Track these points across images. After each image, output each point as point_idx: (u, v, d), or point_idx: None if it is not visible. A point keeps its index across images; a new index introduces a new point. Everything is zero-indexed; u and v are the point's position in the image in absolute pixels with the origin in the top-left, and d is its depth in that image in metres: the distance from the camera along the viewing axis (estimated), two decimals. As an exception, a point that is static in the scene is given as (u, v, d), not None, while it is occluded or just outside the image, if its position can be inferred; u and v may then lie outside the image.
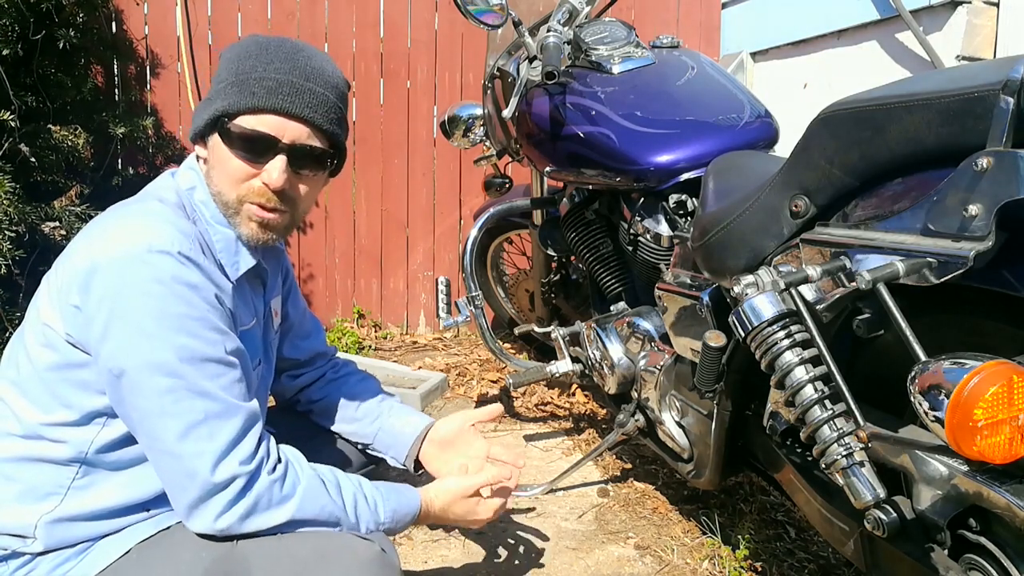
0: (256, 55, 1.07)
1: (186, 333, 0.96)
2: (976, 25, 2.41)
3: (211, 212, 1.11)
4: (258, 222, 1.10)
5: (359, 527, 1.07)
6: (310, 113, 1.07)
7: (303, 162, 1.09)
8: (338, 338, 3.20)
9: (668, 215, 1.68)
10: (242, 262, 1.13)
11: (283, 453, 1.05)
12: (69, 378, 1.00)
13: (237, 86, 1.06)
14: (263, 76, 1.05)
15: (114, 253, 0.96)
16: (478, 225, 2.34)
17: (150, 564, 1.01)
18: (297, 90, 1.06)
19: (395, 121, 3.34)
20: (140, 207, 1.06)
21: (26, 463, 1.02)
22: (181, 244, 0.98)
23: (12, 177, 2.15)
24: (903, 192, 0.94)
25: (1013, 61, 0.80)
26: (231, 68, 1.08)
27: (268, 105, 1.05)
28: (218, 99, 1.07)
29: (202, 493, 0.96)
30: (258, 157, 1.07)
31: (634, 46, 1.88)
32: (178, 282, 0.97)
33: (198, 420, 0.96)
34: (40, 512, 1.01)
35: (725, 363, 1.28)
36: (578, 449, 2.21)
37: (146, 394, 0.96)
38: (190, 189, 1.12)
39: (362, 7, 3.29)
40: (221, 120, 1.06)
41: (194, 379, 0.96)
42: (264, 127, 1.05)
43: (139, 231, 0.98)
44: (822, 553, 1.64)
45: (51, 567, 1.01)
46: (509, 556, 1.67)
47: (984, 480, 0.88)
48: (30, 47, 2.40)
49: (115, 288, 0.95)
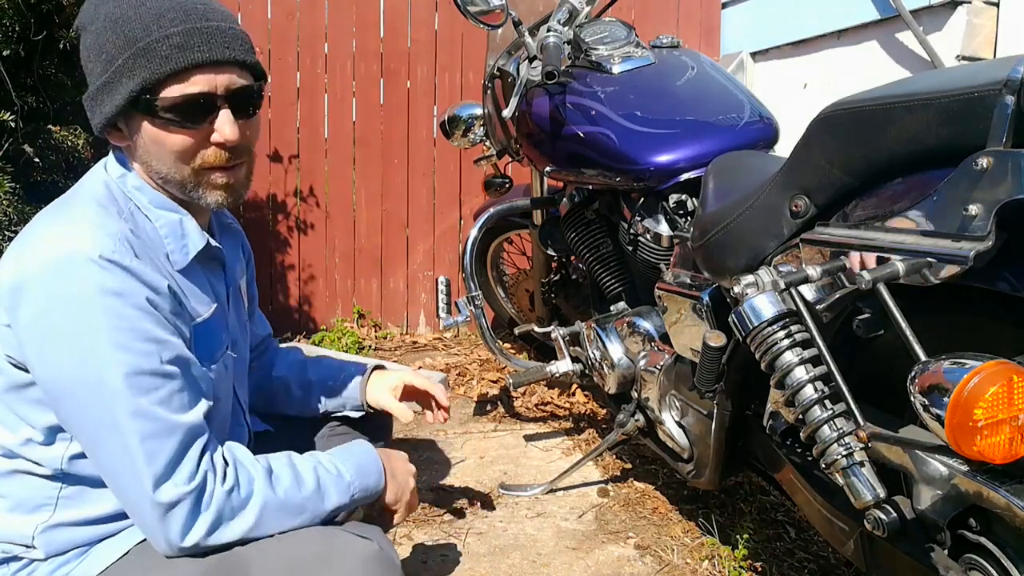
0: (135, 16, 0.95)
1: (117, 347, 0.90)
2: (976, 25, 2.41)
3: (149, 197, 1.03)
4: (222, 187, 1.03)
5: (331, 499, 1.03)
6: (231, 52, 0.98)
7: (243, 105, 1.01)
8: (338, 338, 3.20)
9: (668, 215, 1.68)
10: (191, 244, 1.05)
11: (230, 456, 1.00)
12: (24, 397, 0.97)
13: (141, 56, 0.93)
14: (164, 34, 0.94)
15: (36, 267, 0.90)
16: (478, 225, 2.34)
17: (148, 566, 1.00)
18: (207, 34, 0.96)
19: (395, 121, 3.34)
20: (63, 211, 0.99)
21: (14, 476, 1.00)
22: (104, 247, 0.91)
23: (12, 177, 2.15)
24: (903, 192, 0.94)
25: (1013, 61, 0.80)
26: (114, 41, 0.95)
27: (189, 62, 0.94)
28: (124, 79, 0.95)
29: (156, 516, 0.92)
30: (199, 121, 0.98)
31: (634, 46, 1.88)
32: (104, 292, 0.90)
33: (133, 444, 0.90)
34: (36, 522, 1.00)
35: (725, 363, 1.28)
36: (578, 449, 2.21)
37: (81, 418, 0.92)
38: (121, 177, 1.03)
39: (362, 7, 3.29)
40: (142, 99, 0.95)
41: (126, 399, 0.90)
42: (195, 87, 0.95)
43: (59, 240, 0.91)
44: (822, 553, 1.64)
45: (51, 569, 1.01)
46: (509, 556, 1.67)
47: (984, 480, 0.87)
48: (31, 48, 2.40)
49: (40, 307, 0.89)
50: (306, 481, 1.02)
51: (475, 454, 2.20)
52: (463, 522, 1.81)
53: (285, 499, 0.99)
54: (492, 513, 1.85)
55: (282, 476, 1.01)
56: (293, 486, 1.00)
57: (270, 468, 1.01)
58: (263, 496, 0.98)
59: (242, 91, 1.00)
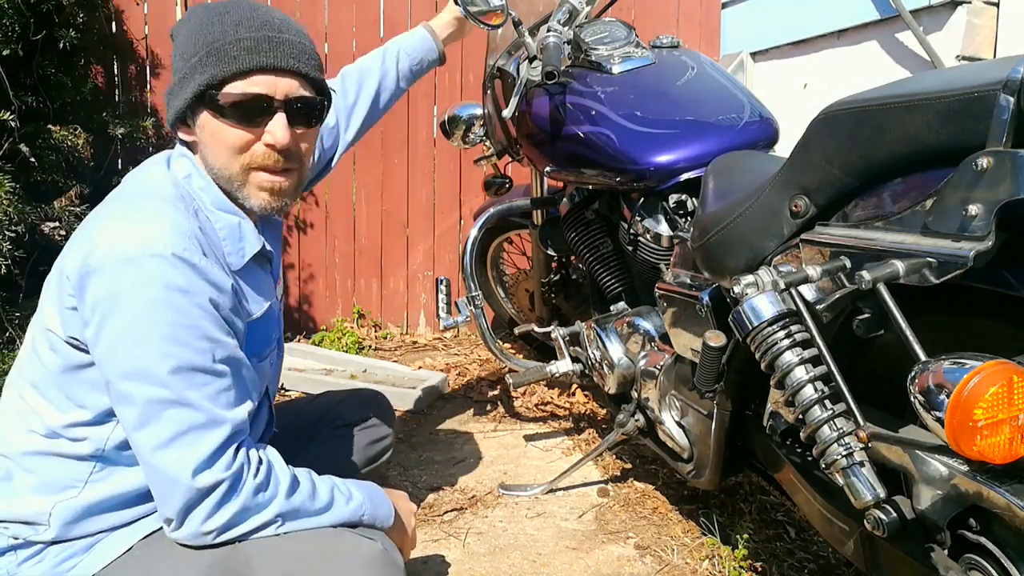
0: (218, 21, 1.03)
1: (175, 342, 0.94)
2: (976, 25, 2.41)
3: (211, 198, 1.08)
4: (268, 189, 1.08)
5: (340, 516, 1.06)
6: (295, 63, 1.04)
7: (300, 115, 1.07)
8: (338, 338, 3.21)
9: (668, 215, 1.68)
10: (248, 247, 1.10)
11: (264, 455, 1.04)
12: (79, 378, 1.00)
13: (213, 55, 1.01)
14: (237, 38, 1.01)
15: (108, 256, 0.94)
16: (478, 225, 2.34)
17: (152, 561, 1.01)
18: (276, 43, 1.03)
19: (395, 121, 3.34)
20: (135, 205, 1.03)
21: (47, 457, 1.03)
22: (175, 245, 0.95)
23: (12, 177, 2.15)
24: (903, 192, 0.93)
25: (1013, 61, 0.80)
26: (196, 42, 1.03)
27: (254, 64, 1.02)
28: (196, 74, 1.02)
29: (186, 500, 0.95)
30: (255, 120, 1.04)
31: (634, 46, 1.88)
32: (170, 288, 0.94)
33: (180, 431, 0.95)
34: (56, 500, 1.02)
35: (725, 363, 1.28)
36: (578, 449, 2.21)
37: (131, 401, 0.95)
38: (187, 177, 1.08)
39: (362, 7, 3.29)
40: (207, 94, 1.02)
41: (179, 389, 0.94)
42: (256, 88, 1.02)
43: (134, 231, 0.96)
44: (822, 553, 1.64)
45: (57, 561, 1.02)
46: (509, 556, 1.67)
47: (984, 480, 0.87)
48: (30, 47, 2.40)
49: (108, 292, 0.93)
50: (321, 495, 1.05)
51: (475, 454, 2.20)
52: (463, 522, 1.81)
53: (300, 507, 1.03)
54: (492, 513, 1.85)
55: (303, 486, 1.04)
56: (309, 498, 1.04)
57: (295, 476, 1.04)
58: (284, 499, 1.01)
59: (301, 101, 1.06)
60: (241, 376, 1.04)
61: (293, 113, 1.06)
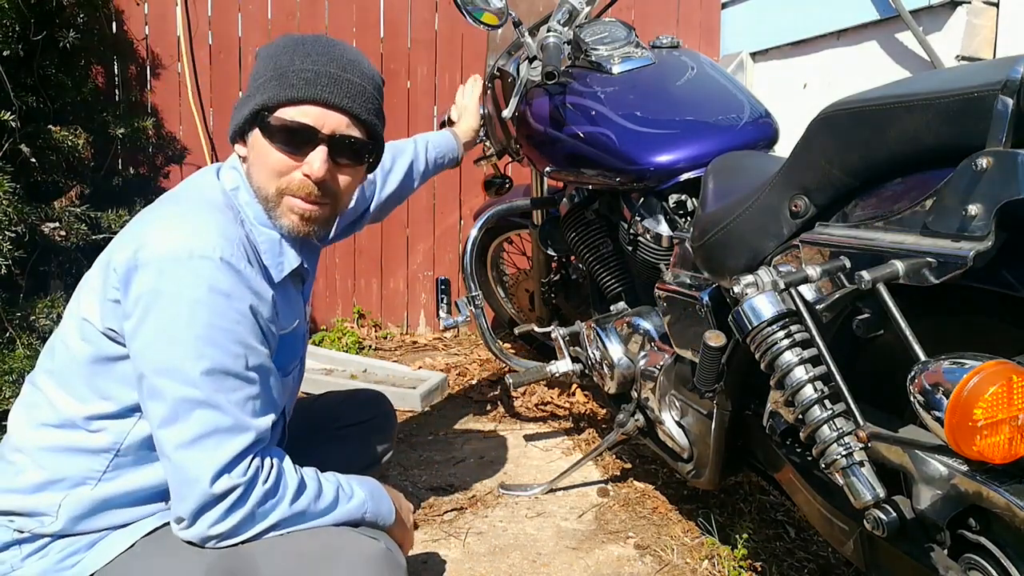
0: (293, 50, 1.08)
1: (211, 343, 0.96)
2: (976, 25, 2.41)
3: (255, 213, 1.11)
4: (299, 215, 1.10)
5: (346, 513, 1.08)
6: (349, 103, 1.07)
7: (343, 153, 1.09)
8: (338, 338, 3.21)
9: (668, 215, 1.68)
10: (286, 263, 1.13)
11: (275, 461, 1.04)
12: (109, 370, 1.02)
13: (276, 80, 1.06)
14: (301, 68, 1.06)
15: (157, 253, 0.96)
16: (478, 225, 2.34)
17: (154, 558, 1.02)
18: (335, 80, 1.06)
19: (395, 121, 3.34)
20: (190, 207, 1.06)
21: (59, 453, 1.03)
22: (224, 249, 0.98)
23: (12, 177, 2.15)
24: (903, 192, 0.94)
25: (1013, 61, 0.80)
26: (268, 64, 1.08)
27: (307, 96, 1.05)
28: (257, 94, 1.07)
29: (201, 502, 0.96)
30: (299, 148, 1.07)
31: (634, 46, 1.88)
32: (213, 291, 0.96)
33: (205, 432, 0.96)
34: (67, 493, 1.03)
35: (725, 363, 1.28)
36: (578, 449, 2.21)
37: (162, 397, 0.97)
38: (234, 190, 1.12)
39: (362, 7, 3.29)
40: (261, 114, 1.06)
41: (209, 391, 0.96)
42: (304, 118, 1.05)
43: (185, 233, 0.98)
44: (822, 553, 1.65)
45: (61, 556, 1.02)
46: (509, 556, 1.67)
47: (984, 480, 0.88)
48: (31, 47, 2.40)
49: (152, 288, 0.95)
50: (326, 494, 1.06)
51: (475, 454, 2.20)
52: (463, 522, 1.81)
53: (305, 509, 1.03)
54: (492, 513, 1.86)
55: (309, 488, 1.05)
56: (313, 500, 1.05)
57: (303, 479, 1.05)
58: (288, 505, 1.02)
59: (346, 139, 1.09)
60: (269, 386, 1.05)
61: (336, 149, 1.08)
